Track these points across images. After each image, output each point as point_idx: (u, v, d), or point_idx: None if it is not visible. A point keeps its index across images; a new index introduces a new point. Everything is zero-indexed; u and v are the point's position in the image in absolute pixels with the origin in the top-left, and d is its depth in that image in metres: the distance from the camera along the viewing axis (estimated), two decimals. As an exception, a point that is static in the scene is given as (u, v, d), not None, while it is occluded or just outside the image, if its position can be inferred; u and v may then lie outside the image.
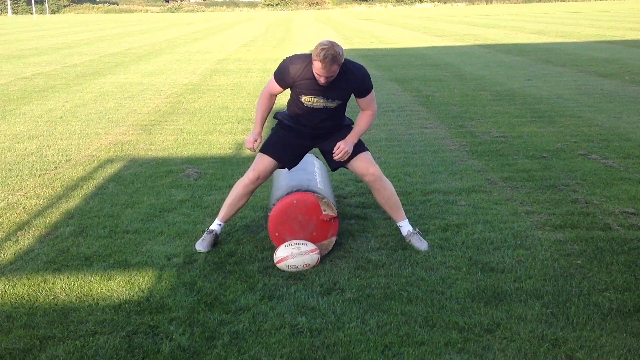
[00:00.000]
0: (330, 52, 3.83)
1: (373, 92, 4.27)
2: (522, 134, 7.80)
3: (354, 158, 4.30)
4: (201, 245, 4.38)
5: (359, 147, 4.33)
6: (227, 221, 4.53)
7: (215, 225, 4.48)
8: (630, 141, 7.29)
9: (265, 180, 4.38)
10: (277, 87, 4.24)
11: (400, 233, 4.47)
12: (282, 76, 4.16)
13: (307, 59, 4.08)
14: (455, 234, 4.58)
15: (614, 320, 3.36)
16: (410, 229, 4.44)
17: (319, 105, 4.17)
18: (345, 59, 4.04)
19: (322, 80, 3.98)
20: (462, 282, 3.82)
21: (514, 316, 3.41)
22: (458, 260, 4.13)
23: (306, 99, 4.16)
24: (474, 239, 4.47)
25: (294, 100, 4.28)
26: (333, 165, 4.40)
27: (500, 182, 5.82)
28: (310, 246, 4.07)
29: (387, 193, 4.35)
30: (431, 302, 3.58)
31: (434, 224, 4.79)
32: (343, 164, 4.34)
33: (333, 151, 4.24)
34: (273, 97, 4.32)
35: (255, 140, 4.32)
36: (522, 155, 6.75)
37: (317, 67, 3.91)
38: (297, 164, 4.51)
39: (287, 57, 4.19)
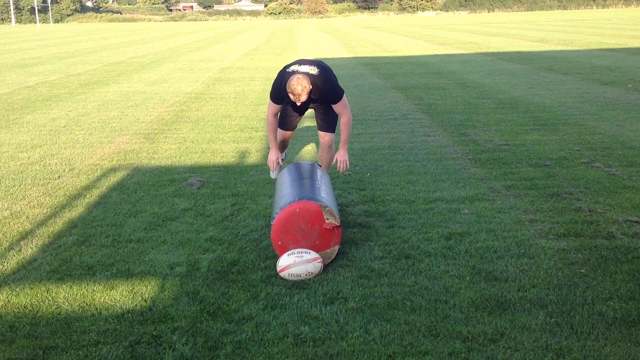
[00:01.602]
0: (300, 86, 4.74)
1: (344, 98, 5.13)
2: (525, 142, 7.79)
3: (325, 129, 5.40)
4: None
5: (331, 127, 5.39)
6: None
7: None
8: (633, 149, 7.28)
9: (289, 139, 5.75)
10: (276, 106, 5.18)
11: None
12: (277, 98, 5.10)
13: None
14: (459, 243, 4.57)
15: (618, 330, 3.34)
16: None
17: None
18: (316, 75, 4.90)
19: (297, 104, 4.96)
20: (466, 291, 3.81)
21: (518, 326, 3.40)
22: (461, 269, 4.12)
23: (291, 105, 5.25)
24: (477, 248, 4.47)
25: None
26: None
27: (503, 191, 5.81)
28: (313, 255, 4.07)
29: (328, 156, 5.46)
30: (435, 311, 3.57)
31: (437, 232, 4.79)
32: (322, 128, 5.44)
33: (336, 166, 5.30)
34: (276, 116, 5.25)
35: (277, 158, 5.31)
36: (525, 164, 6.74)
37: (291, 97, 4.86)
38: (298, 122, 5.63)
39: (276, 81, 5.06)
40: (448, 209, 5.34)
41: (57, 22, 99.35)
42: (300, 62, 5.08)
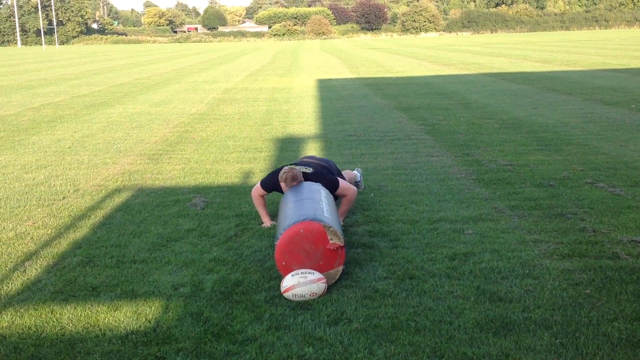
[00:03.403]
0: (289, 174, 5.15)
1: (341, 183, 5.44)
2: (529, 162, 7.80)
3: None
4: None
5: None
6: None
7: None
8: (637, 169, 7.28)
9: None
10: (263, 191, 5.53)
11: None
12: (267, 185, 5.48)
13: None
14: (463, 263, 4.56)
15: (623, 351, 3.33)
16: None
17: None
18: (309, 173, 5.30)
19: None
20: (470, 312, 3.80)
21: (522, 347, 3.38)
22: (466, 290, 4.11)
23: None
24: (481, 268, 4.46)
25: None
26: None
27: (507, 211, 5.81)
28: (317, 275, 4.07)
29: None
30: (439, 332, 3.56)
31: (441, 252, 4.78)
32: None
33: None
34: (263, 197, 5.55)
35: (270, 223, 5.46)
36: (529, 184, 6.75)
37: (282, 186, 5.26)
38: None
39: (271, 172, 5.54)
40: (452, 229, 5.33)
41: (63, 44, 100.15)
42: (300, 161, 5.61)
